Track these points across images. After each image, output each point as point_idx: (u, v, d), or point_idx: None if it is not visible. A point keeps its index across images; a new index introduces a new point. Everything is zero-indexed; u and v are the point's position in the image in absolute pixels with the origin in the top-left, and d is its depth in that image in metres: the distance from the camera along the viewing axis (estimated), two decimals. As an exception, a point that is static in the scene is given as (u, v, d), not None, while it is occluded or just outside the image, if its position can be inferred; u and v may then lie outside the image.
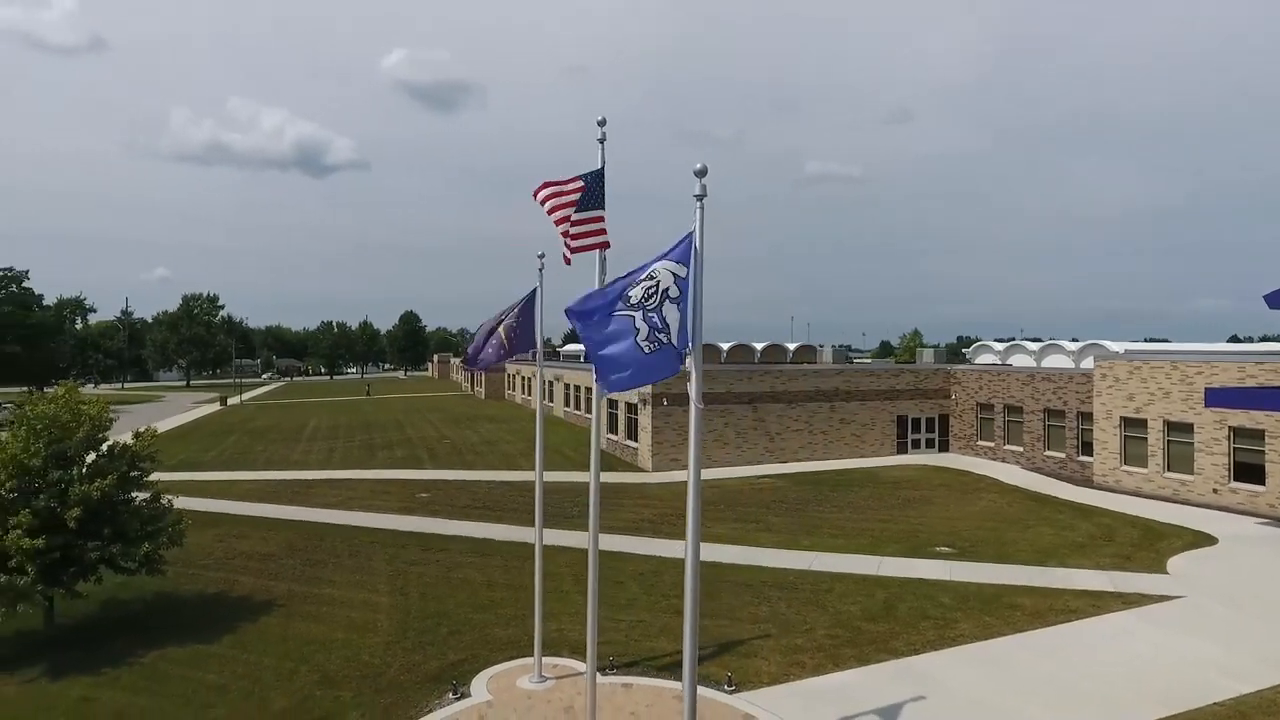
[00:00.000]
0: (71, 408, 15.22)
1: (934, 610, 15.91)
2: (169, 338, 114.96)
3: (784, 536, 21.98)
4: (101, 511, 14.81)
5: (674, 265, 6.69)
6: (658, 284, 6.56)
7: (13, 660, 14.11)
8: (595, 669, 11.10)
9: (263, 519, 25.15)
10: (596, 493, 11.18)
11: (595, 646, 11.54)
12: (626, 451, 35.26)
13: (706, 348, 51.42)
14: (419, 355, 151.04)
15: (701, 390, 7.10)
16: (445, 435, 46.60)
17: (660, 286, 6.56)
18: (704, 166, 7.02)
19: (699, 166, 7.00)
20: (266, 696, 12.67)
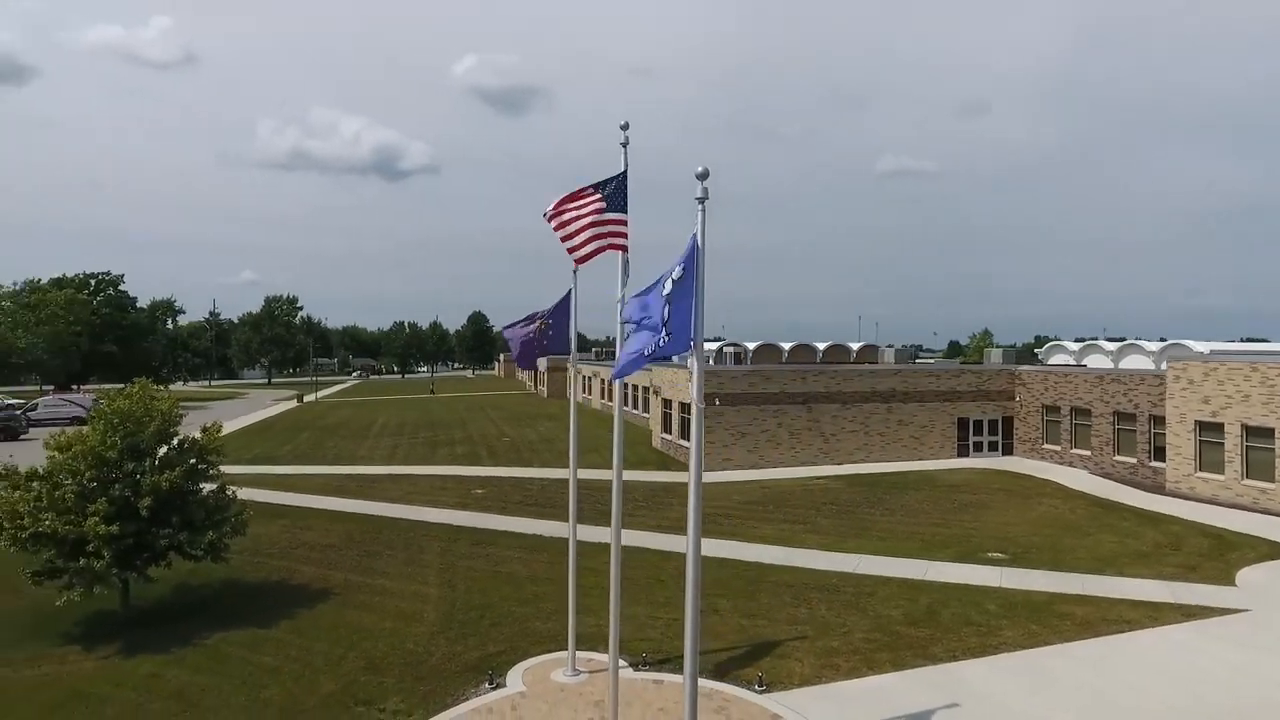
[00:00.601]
0: (145, 404, 16.28)
1: (978, 617, 15.56)
2: (252, 337, 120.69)
3: (831, 538, 21.77)
4: (171, 501, 15.78)
5: (678, 270, 6.84)
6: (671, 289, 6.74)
7: (92, 638, 15.19)
8: (617, 664, 11.30)
9: (326, 511, 26.26)
10: (619, 490, 11.37)
11: (617, 642, 11.77)
12: (680, 451, 35.38)
13: (768, 348, 51.17)
14: (486, 354, 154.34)
15: (703, 389, 7.22)
16: (505, 433, 47.60)
17: (665, 291, 6.74)
18: (705, 170, 7.14)
19: (700, 169, 7.12)
20: (315, 680, 13.32)
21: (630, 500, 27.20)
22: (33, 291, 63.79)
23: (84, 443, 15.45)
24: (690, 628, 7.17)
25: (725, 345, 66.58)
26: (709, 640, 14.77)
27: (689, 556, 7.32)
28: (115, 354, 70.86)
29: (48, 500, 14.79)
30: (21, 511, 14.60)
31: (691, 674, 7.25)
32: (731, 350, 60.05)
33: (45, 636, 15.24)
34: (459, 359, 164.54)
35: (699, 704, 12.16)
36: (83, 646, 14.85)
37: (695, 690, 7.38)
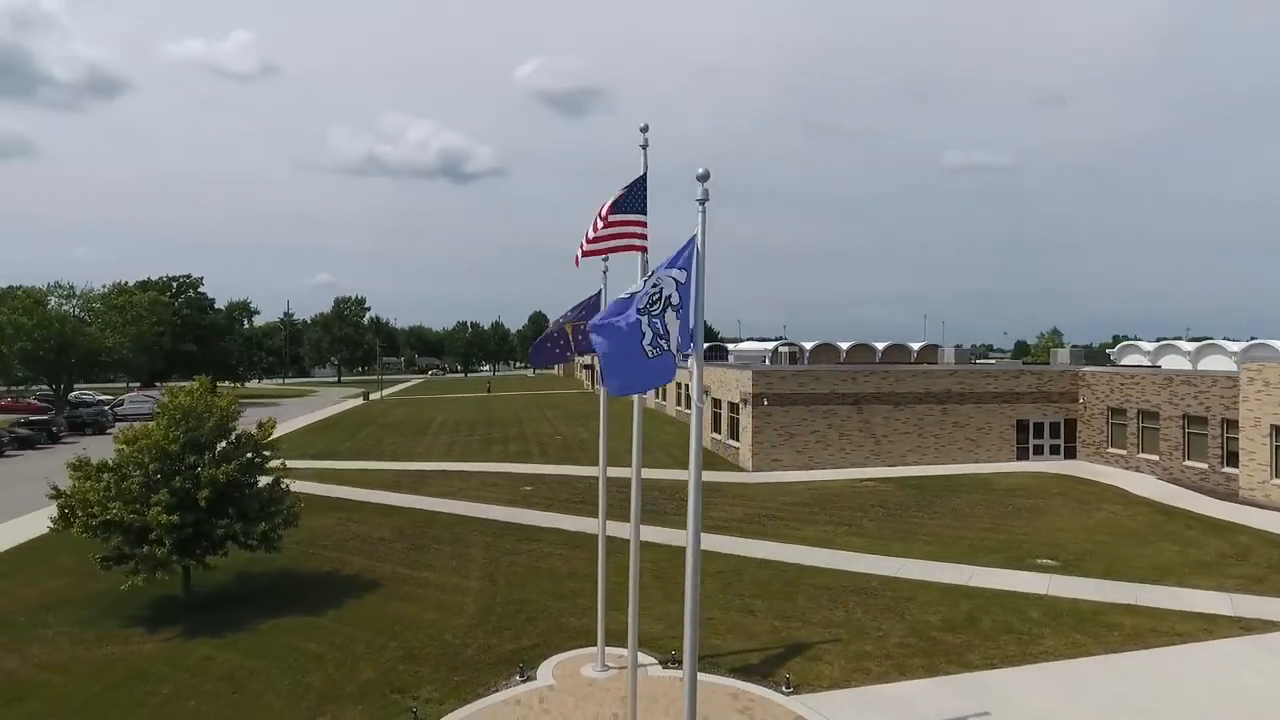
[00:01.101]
0: (205, 400, 17.17)
1: (1020, 624, 15.15)
2: (323, 337, 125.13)
3: (874, 541, 21.45)
4: (228, 493, 16.61)
5: (676, 272, 6.93)
6: (660, 291, 6.83)
7: (155, 621, 16.11)
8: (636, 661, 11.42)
9: (380, 505, 27.14)
10: (638, 487, 11.50)
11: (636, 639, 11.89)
12: (729, 451, 35.29)
13: (825, 347, 50.53)
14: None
15: (702, 390, 7.30)
16: (558, 431, 48.24)
17: (663, 294, 6.82)
18: (706, 171, 7.21)
19: (701, 171, 7.20)
20: (356, 667, 13.85)
21: (674, 499, 27.32)
22: (120, 294, 67.56)
23: (149, 437, 16.40)
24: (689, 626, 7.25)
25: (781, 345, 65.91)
26: (741, 640, 14.81)
27: (689, 555, 7.40)
28: (195, 353, 74.44)
29: (115, 490, 15.74)
30: (92, 501, 15.59)
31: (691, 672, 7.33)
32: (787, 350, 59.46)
33: (115, 618, 16.22)
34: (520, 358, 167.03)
35: (724, 703, 12.27)
36: (147, 629, 15.76)
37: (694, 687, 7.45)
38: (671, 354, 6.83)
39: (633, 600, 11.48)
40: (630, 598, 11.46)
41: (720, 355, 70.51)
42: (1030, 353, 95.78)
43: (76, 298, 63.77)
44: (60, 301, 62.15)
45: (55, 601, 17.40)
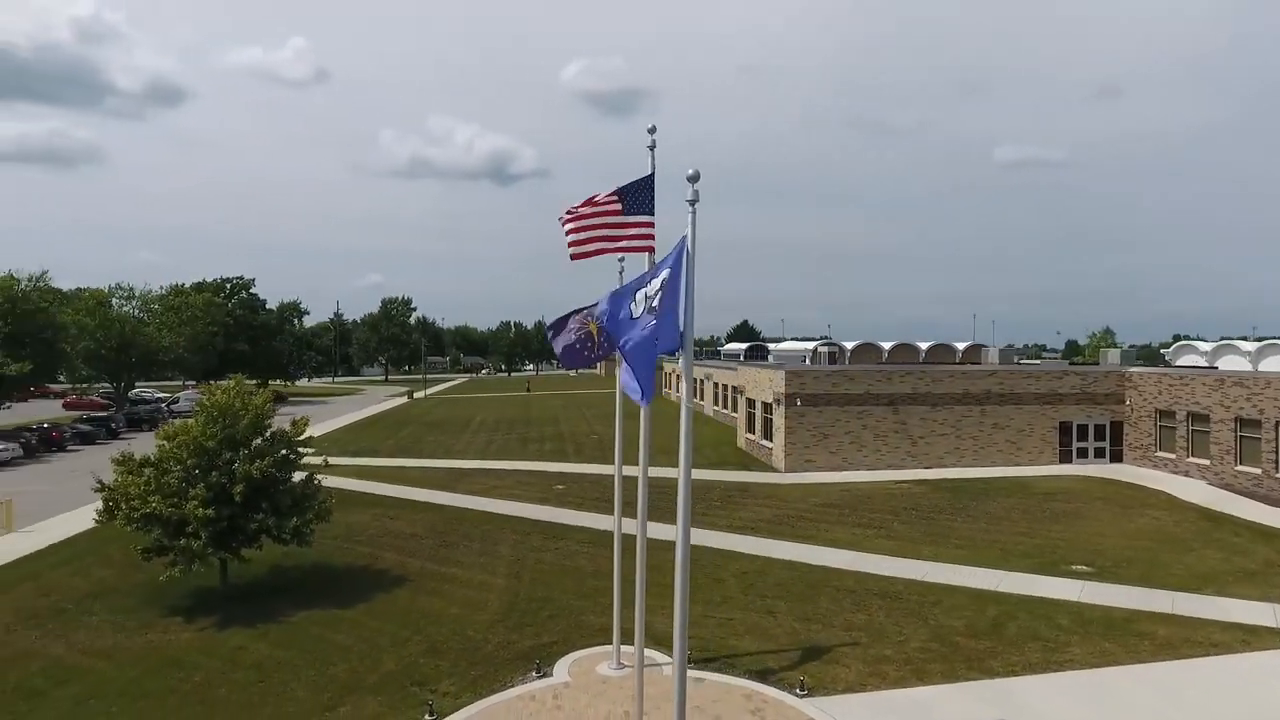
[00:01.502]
0: (241, 398, 17.75)
1: (1047, 631, 14.80)
2: (370, 337, 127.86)
3: (904, 544, 21.14)
4: (262, 488, 17.14)
5: (665, 273, 6.99)
6: (649, 292, 6.90)
7: (192, 611, 16.71)
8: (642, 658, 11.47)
9: (415, 502, 27.67)
10: (645, 485, 11.55)
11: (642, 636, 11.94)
12: (762, 451, 35.08)
13: (867, 347, 49.85)
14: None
15: (691, 390, 7.34)
16: (594, 431, 48.51)
17: (652, 293, 6.90)
18: (696, 172, 7.25)
19: (691, 172, 7.23)
20: (379, 659, 14.19)
21: (703, 500, 27.30)
22: (176, 295, 70.06)
23: (188, 433, 17.02)
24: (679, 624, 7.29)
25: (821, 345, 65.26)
26: (759, 642, 14.76)
27: (678, 556, 7.43)
28: (247, 352, 76.78)
29: (155, 484, 16.38)
30: (133, 494, 16.25)
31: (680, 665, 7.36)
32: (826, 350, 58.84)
33: (156, 608, 16.87)
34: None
35: (738, 704, 12.25)
36: (185, 618, 16.36)
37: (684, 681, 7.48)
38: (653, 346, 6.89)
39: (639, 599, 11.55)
40: (637, 597, 11.54)
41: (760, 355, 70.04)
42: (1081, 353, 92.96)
43: (136, 299, 66.27)
44: (120, 303, 64.64)
45: (102, 590, 18.15)
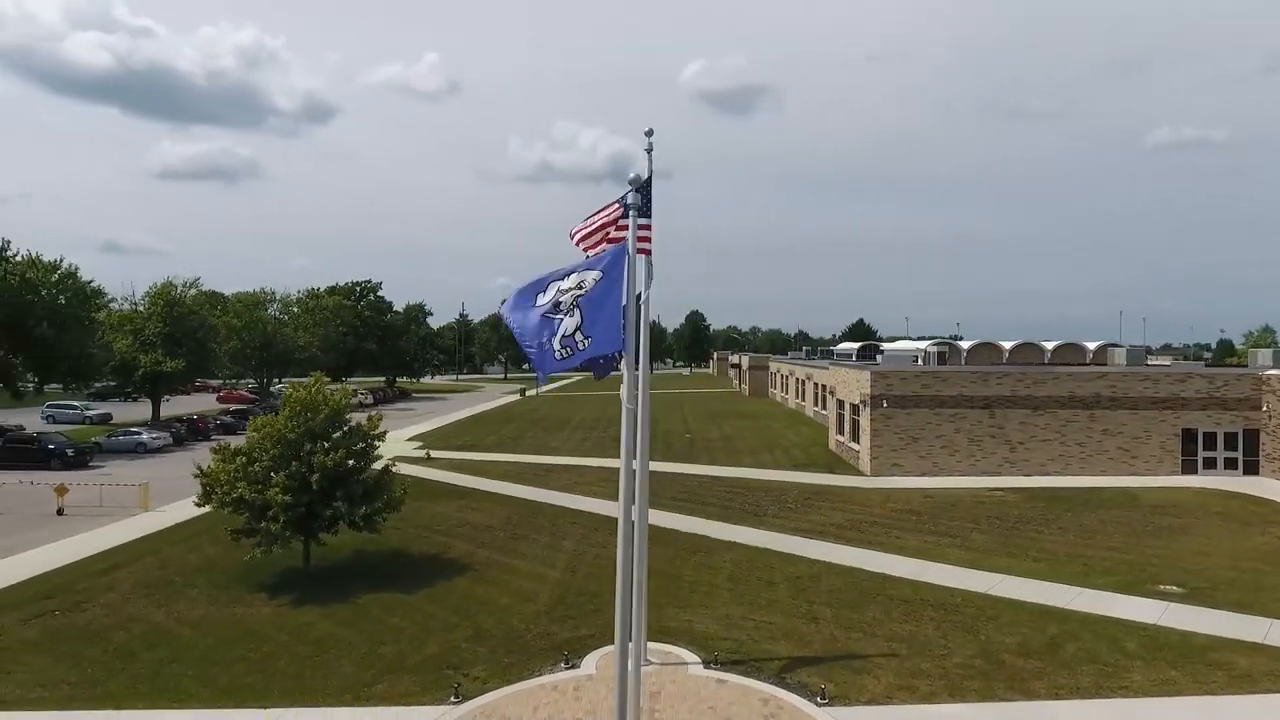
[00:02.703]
0: (320, 394, 19.18)
1: (1108, 655, 13.73)
2: (491, 336, 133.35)
3: (977, 555, 20.07)
4: (337, 478, 18.48)
5: (595, 274, 7.14)
6: (572, 291, 7.07)
7: (276, 589, 18.22)
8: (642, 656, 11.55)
9: (498, 495, 28.83)
10: (645, 479, 11.66)
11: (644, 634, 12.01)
12: (849, 453, 34.10)
13: (985, 347, 47.44)
14: (702, 353, 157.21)
15: (635, 392, 7.44)
16: (689, 430, 48.62)
17: (573, 295, 7.06)
18: (637, 175, 7.36)
19: (632, 176, 7.35)
20: (426, 642, 15.01)
21: (777, 502, 26.96)
22: (312, 298, 75.99)
23: (272, 426, 18.58)
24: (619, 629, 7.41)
25: (932, 344, 62.52)
26: (794, 647, 14.51)
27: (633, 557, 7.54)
28: (375, 351, 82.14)
29: (243, 472, 18.00)
30: (223, 480, 17.94)
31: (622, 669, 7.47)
32: (935, 350, 56.31)
33: (246, 584, 18.51)
34: (678, 357, 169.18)
35: (753, 708, 12.14)
36: (269, 594, 17.87)
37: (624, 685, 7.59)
38: (551, 351, 7.03)
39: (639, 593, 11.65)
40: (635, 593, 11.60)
41: (872, 355, 67.82)
42: (1234, 354, 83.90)
43: (276, 302, 72.27)
44: (264, 306, 70.71)
45: (207, 566, 20.09)
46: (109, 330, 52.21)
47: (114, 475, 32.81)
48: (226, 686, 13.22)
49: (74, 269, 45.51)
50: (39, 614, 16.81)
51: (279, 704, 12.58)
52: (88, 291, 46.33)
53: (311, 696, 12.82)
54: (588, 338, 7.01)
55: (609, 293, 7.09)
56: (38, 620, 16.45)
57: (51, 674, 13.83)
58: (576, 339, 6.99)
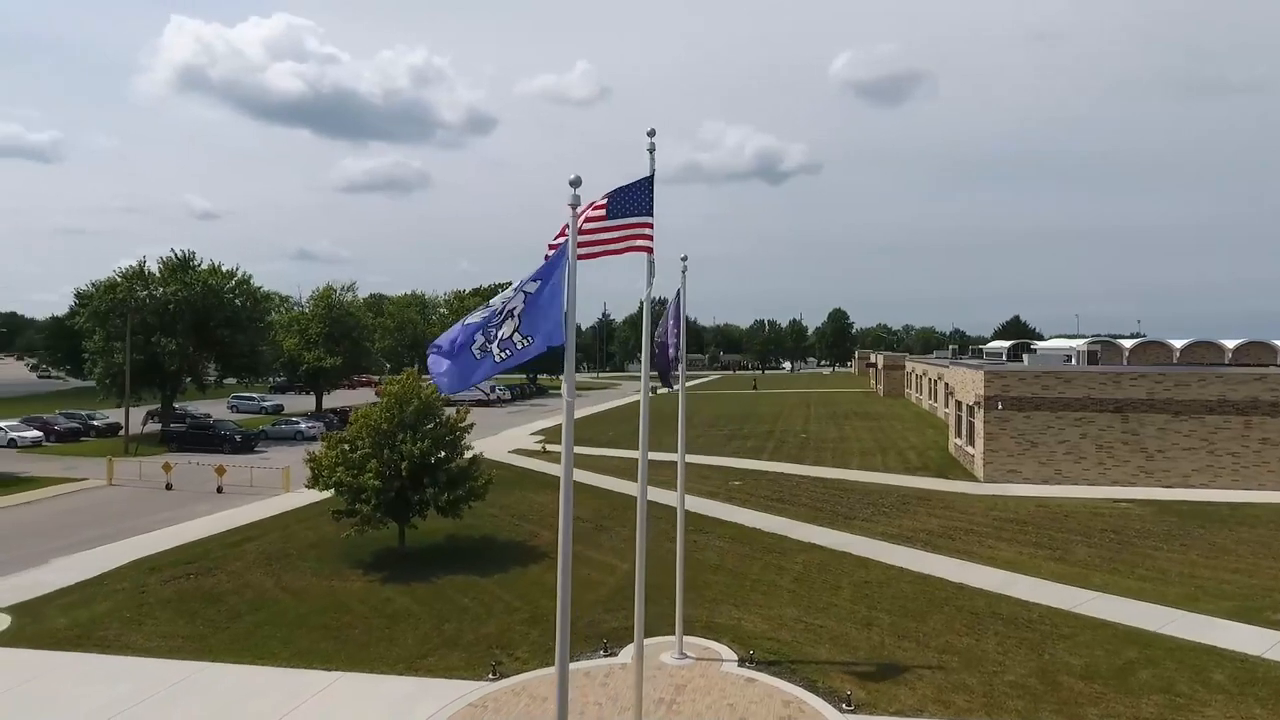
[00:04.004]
0: (412, 388, 20.72)
1: (1184, 685, 12.41)
2: (630, 335, 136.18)
3: (1074, 570, 18.57)
4: (425, 466, 19.92)
5: (530, 284, 7.48)
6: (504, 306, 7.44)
7: (370, 566, 19.89)
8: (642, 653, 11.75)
9: (596, 488, 29.73)
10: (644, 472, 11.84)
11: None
12: (965, 457, 32.21)
13: (1151, 346, 43.54)
14: (845, 352, 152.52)
15: (573, 394, 7.72)
16: (808, 430, 47.62)
17: (507, 307, 7.43)
18: (578, 177, 7.64)
19: (573, 177, 7.65)
20: (485, 622, 15.96)
21: (873, 505, 26.08)
22: (457, 299, 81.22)
23: (368, 417, 20.30)
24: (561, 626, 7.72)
25: (1088, 343, 57.85)
26: (837, 651, 14.20)
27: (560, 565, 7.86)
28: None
29: (343, 458, 19.80)
30: (325, 465, 19.82)
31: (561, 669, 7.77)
32: (1087, 349, 51.97)
33: (348, 561, 20.32)
34: (821, 355, 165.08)
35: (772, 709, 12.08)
36: (363, 571, 19.56)
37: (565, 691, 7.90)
38: (491, 355, 7.35)
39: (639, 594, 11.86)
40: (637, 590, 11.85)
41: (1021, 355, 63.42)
42: None
43: (426, 304, 77.78)
44: (415, 308, 76.33)
45: (321, 543, 22.21)
46: (280, 330, 58.36)
47: (270, 459, 36.75)
48: (304, 649, 14.70)
49: (248, 276, 51.27)
50: (177, 576, 19.31)
51: (341, 668, 13.85)
52: (258, 296, 52.02)
53: (371, 664, 14.02)
54: (526, 337, 7.36)
55: (552, 296, 7.41)
56: (175, 582, 18.92)
57: (172, 627, 15.94)
58: (515, 340, 7.35)
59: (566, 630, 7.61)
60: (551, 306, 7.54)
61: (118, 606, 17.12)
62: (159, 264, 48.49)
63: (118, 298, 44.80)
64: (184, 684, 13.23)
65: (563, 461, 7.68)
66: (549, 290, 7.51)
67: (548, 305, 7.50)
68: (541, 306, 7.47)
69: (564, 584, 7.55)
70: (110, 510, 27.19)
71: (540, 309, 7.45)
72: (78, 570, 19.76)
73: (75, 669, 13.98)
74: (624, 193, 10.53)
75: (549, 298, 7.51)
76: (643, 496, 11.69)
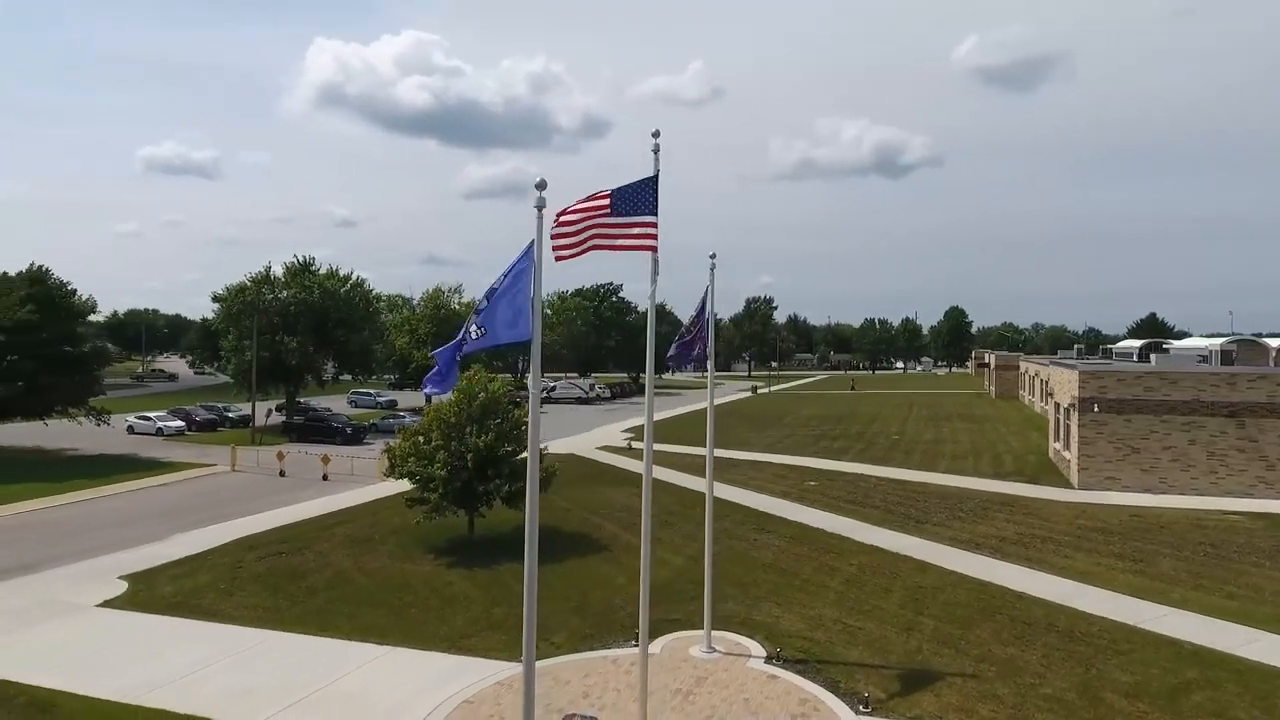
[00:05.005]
0: (481, 384, 21.77)
1: (1242, 711, 11.49)
2: (734, 334, 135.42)
3: (1154, 583, 17.34)
4: (490, 459, 20.91)
5: (496, 280, 7.94)
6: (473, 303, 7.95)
7: (441, 552, 21.02)
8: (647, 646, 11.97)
9: (670, 485, 30.04)
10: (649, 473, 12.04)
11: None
12: (1062, 463, 30.37)
13: (1253, 344, 39.59)
14: (963, 352, 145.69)
15: (539, 389, 8.13)
16: (901, 432, 46.10)
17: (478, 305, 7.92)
18: (543, 180, 8.06)
19: (539, 180, 8.06)
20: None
21: (950, 510, 25.23)
22: (560, 300, 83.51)
23: (438, 412, 21.51)
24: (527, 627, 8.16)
25: (1227, 341, 53.20)
26: (869, 654, 14.00)
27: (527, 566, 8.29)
28: (615, 348, 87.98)
29: (414, 450, 21.08)
30: (397, 456, 21.16)
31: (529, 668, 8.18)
32: (1220, 348, 47.76)
33: (423, 545, 21.56)
34: (937, 355, 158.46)
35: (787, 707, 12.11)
36: (433, 556, 20.75)
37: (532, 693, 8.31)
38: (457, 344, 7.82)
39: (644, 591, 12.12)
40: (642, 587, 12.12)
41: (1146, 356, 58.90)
42: None
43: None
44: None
45: (402, 529, 23.64)
46: (392, 330, 62.01)
47: (374, 450, 39.18)
48: (364, 624, 15.85)
49: (361, 279, 54.84)
50: (271, 554, 21.12)
51: (392, 643, 14.87)
52: (370, 297, 55.51)
53: (420, 641, 14.96)
54: (481, 328, 7.82)
55: (507, 289, 7.85)
56: (268, 559, 20.70)
57: (257, 599, 17.53)
58: (471, 330, 7.83)
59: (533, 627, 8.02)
60: (513, 302, 7.96)
61: (216, 579, 18.96)
62: (283, 268, 52.61)
63: (246, 300, 48.97)
64: (254, 649, 14.59)
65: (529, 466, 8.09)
66: (512, 287, 7.93)
67: (508, 301, 7.92)
68: (502, 302, 7.91)
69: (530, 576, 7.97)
70: (228, 494, 29.91)
71: (500, 304, 7.89)
72: (190, 545, 21.96)
73: (171, 630, 15.67)
74: (629, 191, 10.81)
75: (507, 293, 7.93)
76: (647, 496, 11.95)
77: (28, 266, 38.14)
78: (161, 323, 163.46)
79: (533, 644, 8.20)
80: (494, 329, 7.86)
